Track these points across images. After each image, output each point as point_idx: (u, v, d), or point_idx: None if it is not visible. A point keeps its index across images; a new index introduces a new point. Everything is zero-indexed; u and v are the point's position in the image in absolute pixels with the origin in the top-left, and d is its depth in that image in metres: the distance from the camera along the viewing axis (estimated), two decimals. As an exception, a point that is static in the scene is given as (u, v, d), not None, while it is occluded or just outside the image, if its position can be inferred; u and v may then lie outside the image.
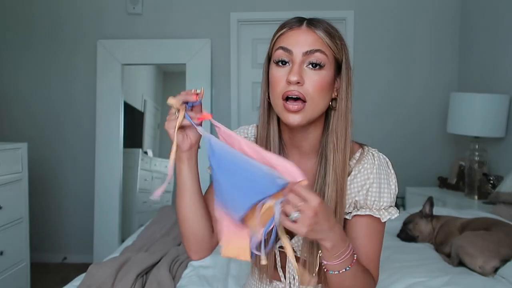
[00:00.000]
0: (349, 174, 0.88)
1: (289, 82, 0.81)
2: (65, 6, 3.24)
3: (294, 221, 0.69)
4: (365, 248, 0.87)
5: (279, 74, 0.83)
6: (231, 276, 1.49)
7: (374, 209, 0.87)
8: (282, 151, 0.93)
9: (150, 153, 3.53)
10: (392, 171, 0.91)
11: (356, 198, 0.88)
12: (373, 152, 0.91)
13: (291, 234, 0.91)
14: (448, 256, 1.59)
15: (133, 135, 3.42)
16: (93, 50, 3.21)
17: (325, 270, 0.80)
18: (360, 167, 0.89)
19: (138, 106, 3.46)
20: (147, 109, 3.51)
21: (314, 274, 0.88)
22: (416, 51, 3.16)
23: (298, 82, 0.81)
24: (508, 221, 1.78)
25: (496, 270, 1.43)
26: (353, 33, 3.13)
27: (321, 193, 0.86)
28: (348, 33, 3.11)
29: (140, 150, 3.44)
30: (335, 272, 0.78)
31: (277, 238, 0.89)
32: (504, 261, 1.44)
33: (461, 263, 1.50)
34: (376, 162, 0.89)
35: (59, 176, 3.31)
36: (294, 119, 0.82)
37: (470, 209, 2.26)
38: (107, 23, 3.23)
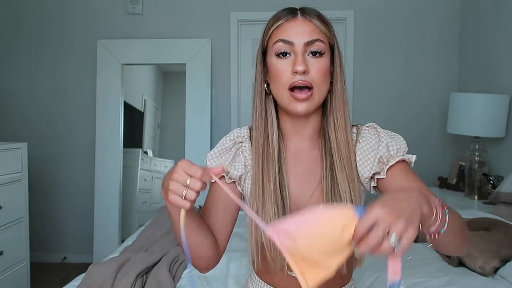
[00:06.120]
0: (355, 144, 0.91)
1: (295, 73, 0.83)
2: (65, 6, 3.24)
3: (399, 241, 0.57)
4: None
5: (282, 65, 0.86)
6: (231, 276, 1.49)
7: (400, 155, 0.88)
8: (281, 139, 0.94)
9: (150, 153, 3.53)
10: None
11: (380, 154, 0.87)
12: (367, 125, 0.95)
13: None
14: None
15: (133, 135, 3.42)
16: (93, 50, 3.21)
17: (437, 236, 0.69)
18: (363, 135, 0.91)
19: (138, 106, 3.46)
20: (147, 109, 3.51)
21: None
22: (416, 51, 3.16)
23: (304, 71, 0.83)
24: (508, 221, 1.78)
25: (496, 270, 1.43)
26: (353, 33, 3.13)
27: (332, 175, 0.87)
28: (348, 33, 3.11)
29: (140, 150, 3.44)
30: (445, 228, 0.68)
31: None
32: (504, 261, 1.44)
33: (461, 263, 1.50)
34: (377, 127, 0.93)
35: (59, 176, 3.31)
36: (302, 107, 0.85)
37: (470, 209, 2.25)
38: (107, 23, 3.23)
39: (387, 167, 0.87)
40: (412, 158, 0.89)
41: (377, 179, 0.88)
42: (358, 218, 0.59)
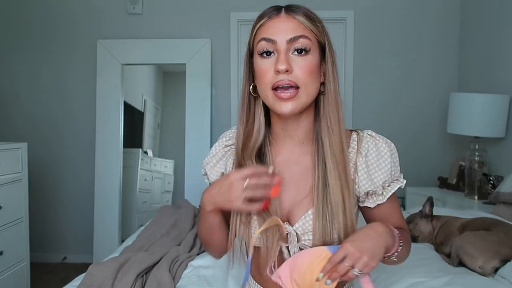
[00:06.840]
0: (357, 154, 0.88)
1: (277, 72, 0.79)
2: (65, 6, 3.24)
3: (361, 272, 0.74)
4: (398, 219, 0.92)
5: (265, 65, 0.81)
6: (231, 276, 1.49)
7: (398, 180, 0.90)
8: (269, 145, 0.90)
9: (150, 153, 3.53)
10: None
11: (387, 179, 0.87)
12: (369, 133, 0.91)
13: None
14: (448, 256, 1.59)
15: (133, 135, 3.42)
16: (93, 50, 3.21)
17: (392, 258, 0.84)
18: (366, 146, 0.88)
19: (138, 106, 3.46)
20: (147, 109, 3.50)
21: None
22: (416, 51, 3.16)
23: (287, 70, 0.78)
24: (508, 221, 1.78)
25: (496, 270, 1.43)
26: (353, 33, 3.12)
27: (324, 183, 0.83)
28: (348, 33, 3.11)
29: (140, 150, 3.44)
30: (395, 256, 0.82)
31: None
32: (504, 261, 1.43)
33: (461, 263, 1.50)
34: (380, 139, 0.90)
35: (59, 176, 3.31)
36: (287, 107, 0.80)
37: (470, 209, 2.25)
38: (107, 23, 3.23)
39: (390, 193, 0.88)
40: (403, 183, 0.91)
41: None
42: (331, 253, 0.76)
